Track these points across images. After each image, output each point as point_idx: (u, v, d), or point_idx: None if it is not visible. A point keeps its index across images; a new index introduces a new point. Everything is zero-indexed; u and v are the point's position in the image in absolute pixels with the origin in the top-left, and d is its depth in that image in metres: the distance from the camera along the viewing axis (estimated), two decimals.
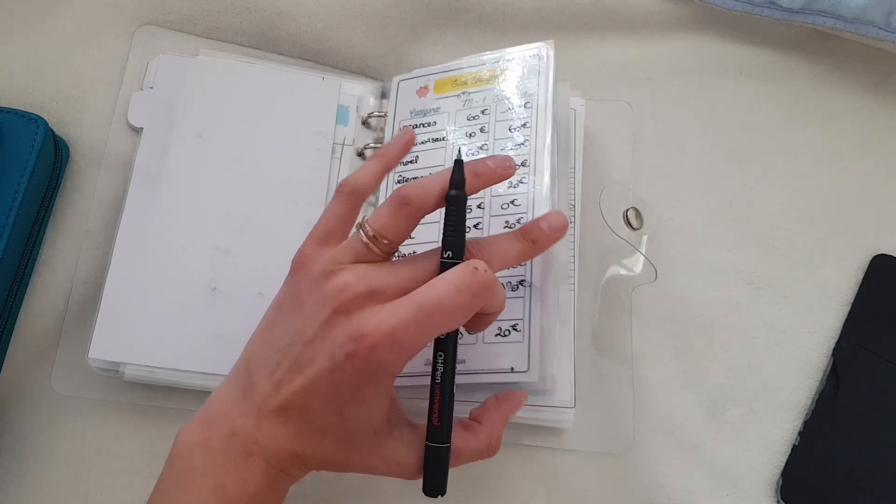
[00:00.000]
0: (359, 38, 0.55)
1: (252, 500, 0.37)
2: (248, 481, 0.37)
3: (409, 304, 0.36)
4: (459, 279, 0.36)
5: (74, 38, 0.53)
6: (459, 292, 0.36)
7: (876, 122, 0.58)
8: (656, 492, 0.49)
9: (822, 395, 0.51)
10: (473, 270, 0.36)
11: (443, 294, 0.36)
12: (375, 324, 0.35)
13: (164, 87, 0.52)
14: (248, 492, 0.37)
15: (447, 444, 0.39)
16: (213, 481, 0.36)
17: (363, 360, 0.35)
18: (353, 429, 0.38)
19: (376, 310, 0.36)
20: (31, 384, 0.48)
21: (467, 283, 0.36)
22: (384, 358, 0.36)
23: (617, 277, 0.53)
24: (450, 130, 0.50)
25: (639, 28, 0.59)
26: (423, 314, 0.35)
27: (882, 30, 0.55)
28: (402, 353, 0.36)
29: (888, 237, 0.55)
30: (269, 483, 0.37)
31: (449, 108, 0.51)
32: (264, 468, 0.37)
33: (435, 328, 0.36)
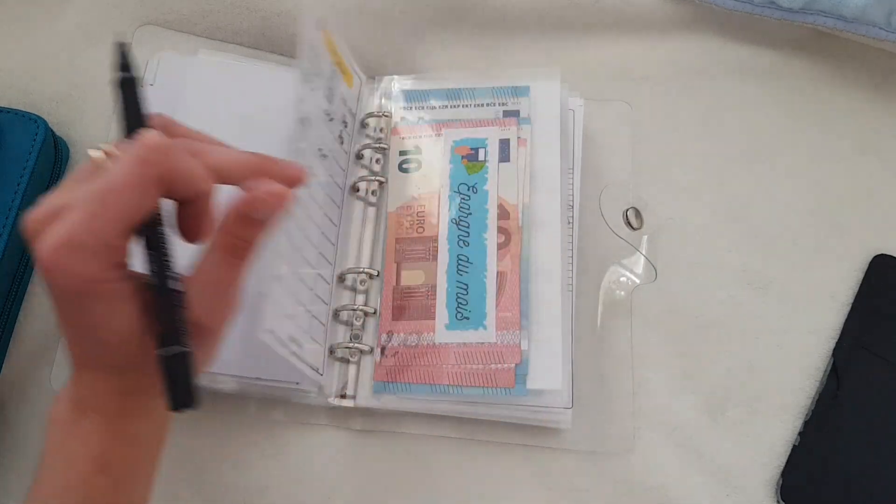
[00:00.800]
0: (359, 38, 0.55)
1: (100, 458, 0.36)
2: (89, 438, 0.36)
3: (82, 201, 0.32)
4: (128, 153, 0.33)
5: (74, 38, 0.53)
6: (126, 163, 0.32)
7: (876, 122, 0.58)
8: (656, 492, 0.49)
9: (822, 396, 0.51)
10: (139, 138, 0.33)
11: (112, 173, 0.32)
12: (51, 240, 0.31)
13: (165, 86, 0.52)
14: (94, 451, 0.36)
15: (183, 349, 0.34)
16: (63, 452, 0.36)
17: (58, 281, 0.32)
18: (119, 351, 0.35)
19: (56, 225, 0.32)
20: (31, 384, 0.48)
21: (135, 152, 0.32)
22: (73, 268, 0.32)
23: (617, 277, 0.53)
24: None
25: (639, 28, 0.59)
26: (95, 204, 0.32)
27: (882, 30, 0.55)
28: (86, 253, 0.32)
29: (888, 237, 0.55)
30: (114, 433, 0.36)
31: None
32: (99, 419, 0.36)
33: (112, 212, 0.32)
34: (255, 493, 0.47)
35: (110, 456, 0.36)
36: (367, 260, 0.50)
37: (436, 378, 0.47)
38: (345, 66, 0.52)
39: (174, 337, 0.34)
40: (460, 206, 0.50)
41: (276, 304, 0.42)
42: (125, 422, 0.36)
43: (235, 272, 0.36)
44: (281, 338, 0.42)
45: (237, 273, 0.36)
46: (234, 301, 0.37)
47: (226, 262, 0.36)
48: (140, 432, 0.37)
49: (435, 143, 0.52)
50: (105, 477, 0.36)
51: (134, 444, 0.37)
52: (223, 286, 0.36)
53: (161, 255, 0.34)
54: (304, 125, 0.45)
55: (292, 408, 0.48)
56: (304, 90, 0.45)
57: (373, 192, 0.52)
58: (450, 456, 0.49)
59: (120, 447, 0.36)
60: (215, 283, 0.36)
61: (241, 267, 0.36)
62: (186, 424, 0.47)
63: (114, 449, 0.36)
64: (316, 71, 0.47)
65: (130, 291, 0.34)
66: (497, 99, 0.52)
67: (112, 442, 0.36)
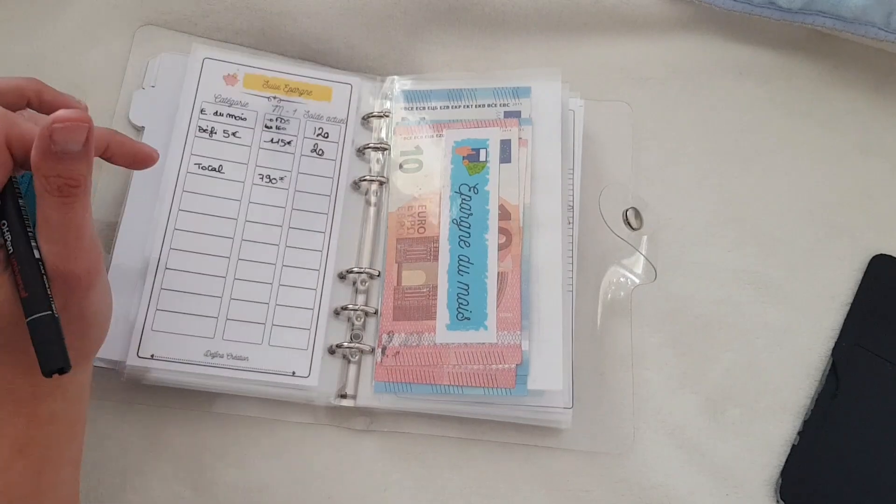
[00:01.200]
0: (359, 38, 0.55)
1: (16, 441, 0.36)
2: (4, 424, 0.36)
3: None
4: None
5: (75, 38, 0.53)
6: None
7: (876, 122, 0.58)
8: (656, 492, 0.49)
9: (821, 395, 0.51)
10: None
11: None
12: None
13: (166, 86, 0.52)
14: (9, 435, 0.36)
15: (47, 312, 0.34)
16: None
17: None
18: (4, 328, 0.35)
19: None
20: None
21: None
22: None
23: (617, 277, 0.53)
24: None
25: (639, 28, 0.59)
26: None
27: (882, 30, 0.55)
28: None
29: (888, 237, 0.55)
30: (27, 416, 0.36)
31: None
32: (10, 404, 0.36)
33: None
34: (255, 493, 0.47)
35: (26, 438, 0.36)
36: (368, 260, 0.50)
37: (436, 378, 0.47)
38: (306, 87, 0.52)
39: (37, 302, 0.33)
40: (461, 207, 0.50)
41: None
42: (37, 402, 0.36)
43: (71, 212, 0.34)
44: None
45: (74, 212, 0.34)
46: (86, 242, 0.35)
47: (58, 205, 0.34)
48: (55, 413, 0.37)
49: (436, 143, 0.52)
50: (24, 459, 0.36)
51: (51, 425, 0.37)
52: (66, 229, 0.35)
53: (18, 221, 0.35)
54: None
55: (292, 408, 0.48)
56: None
57: (374, 192, 0.52)
58: (450, 456, 0.49)
59: (35, 428, 0.36)
60: (58, 228, 0.34)
61: (75, 205, 0.34)
62: (187, 424, 0.47)
63: (29, 430, 0.36)
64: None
65: (0, 266, 0.34)
66: (498, 100, 0.52)
67: (27, 424, 0.36)
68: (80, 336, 0.37)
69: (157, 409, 0.48)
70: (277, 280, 0.48)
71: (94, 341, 0.39)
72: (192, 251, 0.48)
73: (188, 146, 0.50)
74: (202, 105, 0.51)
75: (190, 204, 0.49)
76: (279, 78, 0.52)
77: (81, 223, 0.35)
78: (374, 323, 0.49)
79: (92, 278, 0.36)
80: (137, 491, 0.46)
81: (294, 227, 0.49)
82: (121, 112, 0.52)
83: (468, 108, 0.52)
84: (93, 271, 0.36)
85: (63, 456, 0.38)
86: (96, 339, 0.39)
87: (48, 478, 0.37)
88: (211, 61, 0.52)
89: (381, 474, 0.48)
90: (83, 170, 0.34)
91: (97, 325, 0.39)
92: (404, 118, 0.53)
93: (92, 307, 0.37)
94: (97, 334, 0.39)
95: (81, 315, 0.37)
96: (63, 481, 0.38)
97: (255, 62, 0.52)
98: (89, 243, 0.36)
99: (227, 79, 0.51)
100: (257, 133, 0.51)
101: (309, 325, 0.48)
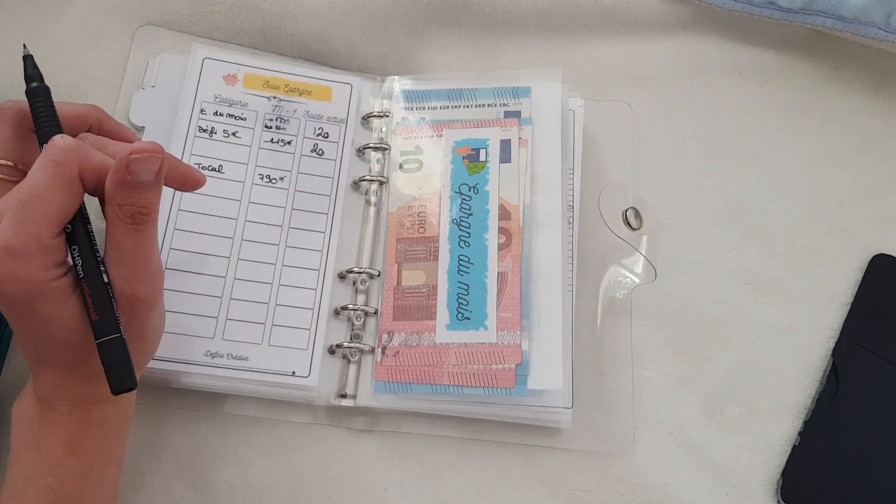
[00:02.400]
0: (359, 38, 0.55)
1: (70, 443, 0.38)
2: (58, 426, 0.38)
3: (10, 209, 0.34)
4: (42, 157, 0.35)
5: (75, 38, 0.53)
6: (44, 168, 0.34)
7: (876, 123, 0.58)
8: (656, 492, 0.49)
9: (821, 395, 0.51)
10: (51, 143, 0.35)
11: (34, 179, 0.34)
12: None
13: (166, 86, 0.52)
14: (63, 437, 0.38)
15: (117, 335, 0.36)
16: (33, 443, 0.38)
17: (2, 288, 0.34)
18: (69, 344, 0.36)
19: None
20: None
21: (48, 156, 0.35)
22: (14, 272, 0.34)
23: (616, 277, 0.53)
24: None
25: (639, 28, 0.59)
26: (21, 208, 0.34)
27: (882, 30, 0.55)
28: (23, 257, 0.34)
29: (888, 237, 0.55)
30: (80, 420, 0.38)
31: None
32: (65, 408, 0.38)
33: (40, 214, 0.34)
34: (255, 493, 0.47)
35: (79, 440, 0.38)
36: (368, 260, 0.50)
37: (436, 378, 0.47)
38: (306, 86, 0.52)
39: (107, 325, 0.35)
40: (461, 207, 0.50)
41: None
42: (90, 408, 0.38)
43: (142, 239, 0.36)
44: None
45: (144, 239, 0.36)
46: (153, 267, 0.37)
47: (130, 232, 0.36)
48: (106, 417, 0.39)
49: (436, 143, 0.52)
50: (76, 460, 0.38)
51: (101, 428, 0.39)
52: (136, 256, 0.36)
53: (88, 246, 0.36)
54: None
55: (292, 407, 0.48)
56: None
57: (374, 192, 0.52)
58: (450, 456, 0.49)
59: (88, 431, 0.39)
60: (129, 254, 0.36)
61: (146, 232, 0.36)
62: (187, 424, 0.47)
63: (81, 433, 0.38)
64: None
65: (71, 287, 0.36)
66: (498, 100, 0.52)
67: (80, 427, 0.38)
68: (138, 351, 0.38)
69: (157, 409, 0.48)
70: (277, 280, 0.48)
71: (149, 355, 0.41)
72: (192, 251, 0.48)
73: (188, 146, 0.50)
74: (202, 105, 0.51)
75: (190, 204, 0.49)
76: (279, 78, 0.52)
77: (150, 250, 0.37)
78: (374, 323, 0.49)
79: (155, 301, 0.38)
80: (137, 491, 0.46)
81: (294, 227, 0.49)
82: (121, 112, 0.52)
83: (468, 108, 0.52)
84: (156, 294, 0.38)
85: (110, 457, 0.40)
86: (150, 353, 0.41)
87: (95, 476, 0.39)
88: (211, 61, 0.52)
89: (381, 474, 0.48)
90: (154, 198, 0.36)
91: (153, 342, 0.41)
92: (404, 118, 0.53)
93: (151, 326, 0.39)
94: (151, 349, 0.41)
95: (141, 334, 0.39)
96: (108, 480, 0.40)
97: (255, 62, 0.52)
98: (155, 268, 0.38)
99: (227, 79, 0.52)
100: (257, 133, 0.51)
101: (309, 324, 0.48)
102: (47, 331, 0.36)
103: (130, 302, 0.37)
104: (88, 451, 0.39)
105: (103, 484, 0.40)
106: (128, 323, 0.37)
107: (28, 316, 0.35)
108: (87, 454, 0.39)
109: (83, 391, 0.38)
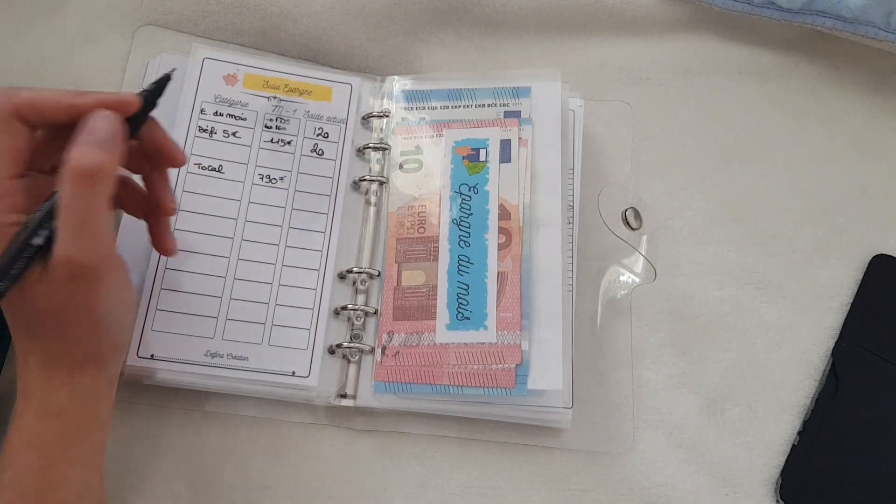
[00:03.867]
0: (359, 38, 0.55)
1: (26, 433, 0.38)
2: (18, 417, 0.38)
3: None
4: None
5: (75, 38, 0.53)
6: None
7: (876, 123, 0.58)
8: (656, 492, 0.49)
9: (821, 395, 0.51)
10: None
11: None
12: None
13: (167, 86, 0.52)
14: (20, 427, 0.38)
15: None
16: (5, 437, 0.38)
17: None
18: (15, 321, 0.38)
19: None
20: None
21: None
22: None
23: (617, 277, 0.53)
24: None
25: (639, 28, 0.59)
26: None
27: (882, 30, 0.55)
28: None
29: (888, 237, 0.55)
30: (36, 408, 0.38)
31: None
32: (25, 397, 0.38)
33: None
34: (255, 493, 0.47)
35: (34, 431, 0.38)
36: (368, 260, 0.50)
37: (436, 378, 0.47)
38: (306, 87, 0.52)
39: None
40: (461, 207, 0.50)
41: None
42: (45, 395, 0.38)
43: (89, 200, 0.35)
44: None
45: (92, 201, 0.35)
46: (99, 233, 0.36)
47: (74, 191, 0.35)
48: (62, 407, 0.38)
49: (436, 143, 0.52)
50: (32, 453, 0.37)
51: (56, 419, 0.38)
52: (79, 217, 0.35)
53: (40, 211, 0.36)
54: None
55: (292, 407, 0.48)
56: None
57: (374, 192, 0.52)
58: (450, 456, 0.49)
59: (42, 422, 0.38)
60: (72, 215, 0.35)
61: (94, 195, 0.35)
62: (187, 424, 0.47)
63: (36, 424, 0.38)
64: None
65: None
66: (498, 100, 0.52)
67: (35, 417, 0.38)
68: (89, 334, 0.37)
69: (158, 409, 0.48)
70: (277, 280, 0.48)
71: (107, 343, 0.39)
72: (192, 251, 0.48)
73: (188, 146, 0.50)
74: (202, 105, 0.51)
75: (190, 204, 0.49)
76: (279, 78, 0.52)
77: (97, 213, 0.35)
78: (373, 323, 0.49)
79: (102, 274, 0.36)
80: (137, 491, 0.46)
81: (294, 227, 0.49)
82: None
83: (468, 109, 0.52)
84: (103, 266, 0.36)
85: (69, 454, 0.39)
86: (110, 341, 0.39)
87: (53, 474, 0.38)
88: (211, 61, 0.52)
89: (381, 474, 0.48)
90: (107, 160, 0.35)
91: (109, 326, 0.38)
92: (404, 118, 0.53)
93: (102, 304, 0.37)
94: (110, 336, 0.39)
95: (89, 310, 0.37)
96: (71, 480, 0.39)
97: (255, 62, 0.52)
98: (103, 237, 0.36)
99: (227, 79, 0.52)
100: (257, 133, 0.51)
101: (309, 325, 0.48)
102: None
103: (68, 267, 0.35)
104: (44, 446, 0.38)
105: (65, 484, 0.38)
106: (70, 296, 0.35)
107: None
108: (43, 449, 0.38)
109: (40, 375, 0.37)
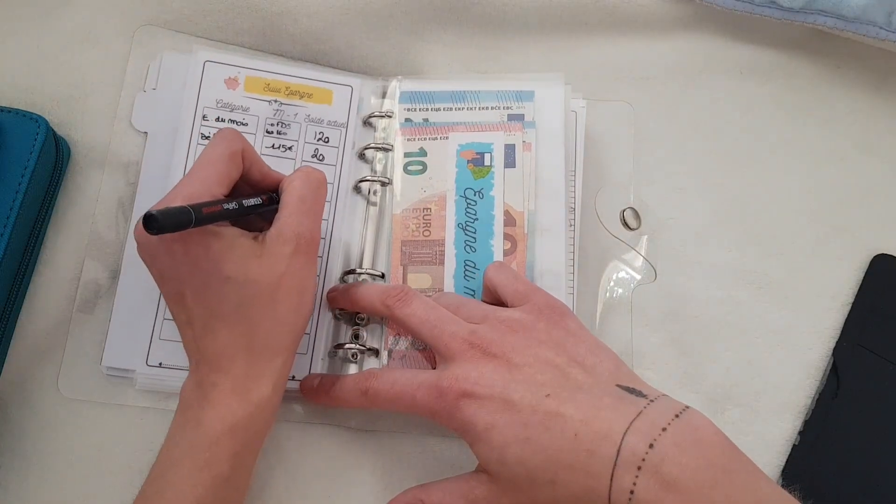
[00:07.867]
0: (359, 38, 0.55)
1: (228, 418, 0.40)
2: (218, 402, 0.40)
3: (191, 172, 0.43)
4: (215, 138, 0.44)
5: (75, 38, 0.53)
6: (215, 145, 0.43)
7: (876, 122, 0.58)
8: None
9: (822, 395, 0.51)
10: (221, 130, 0.45)
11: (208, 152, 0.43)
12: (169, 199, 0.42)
13: (167, 88, 0.52)
14: (222, 413, 0.40)
15: (186, 207, 0.39)
16: (192, 422, 0.41)
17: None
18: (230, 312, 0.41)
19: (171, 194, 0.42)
20: (33, 384, 0.48)
21: (219, 135, 0.44)
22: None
23: (617, 277, 0.53)
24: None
25: (639, 28, 0.58)
26: (199, 169, 0.42)
27: (883, 29, 0.55)
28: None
29: (888, 237, 0.55)
30: (240, 396, 0.41)
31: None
32: (227, 383, 0.40)
33: (213, 174, 0.42)
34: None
35: (237, 418, 0.40)
36: (370, 261, 0.50)
37: None
38: (307, 89, 0.52)
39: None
40: (467, 211, 0.50)
41: None
42: (248, 384, 0.40)
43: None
44: None
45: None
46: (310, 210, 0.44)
47: None
48: (262, 397, 0.41)
49: (440, 146, 0.52)
50: (231, 439, 0.40)
51: (256, 409, 0.41)
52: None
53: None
54: None
55: (292, 407, 0.48)
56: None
57: (374, 192, 0.52)
58: (451, 455, 0.49)
59: (243, 409, 0.40)
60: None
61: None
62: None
63: (239, 411, 0.40)
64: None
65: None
66: (501, 102, 0.52)
67: (238, 404, 0.40)
68: (294, 311, 0.43)
69: (158, 410, 0.48)
70: None
71: (303, 321, 0.44)
72: None
73: (191, 154, 0.50)
74: (204, 111, 0.51)
75: None
76: (280, 80, 0.52)
77: (321, 203, 0.45)
78: (376, 324, 0.49)
79: (314, 249, 0.44)
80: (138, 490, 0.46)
81: None
82: (122, 115, 0.52)
83: (471, 111, 0.52)
84: (317, 242, 0.44)
85: (254, 447, 0.42)
86: (302, 324, 0.44)
87: (242, 463, 0.41)
88: (212, 64, 0.51)
89: (381, 474, 0.48)
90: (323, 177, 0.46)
91: (308, 304, 0.43)
92: (407, 119, 0.53)
93: (311, 278, 0.43)
94: (304, 316, 0.44)
95: (301, 281, 0.42)
96: (248, 471, 0.42)
97: (256, 64, 0.52)
98: (320, 222, 0.45)
99: (228, 82, 0.51)
100: (259, 138, 0.51)
101: (309, 329, 0.48)
102: (219, 272, 0.40)
103: (296, 240, 0.42)
104: (243, 433, 0.40)
105: (248, 471, 0.42)
106: (287, 267, 0.41)
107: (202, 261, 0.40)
108: (242, 436, 0.40)
109: (244, 363, 0.40)
